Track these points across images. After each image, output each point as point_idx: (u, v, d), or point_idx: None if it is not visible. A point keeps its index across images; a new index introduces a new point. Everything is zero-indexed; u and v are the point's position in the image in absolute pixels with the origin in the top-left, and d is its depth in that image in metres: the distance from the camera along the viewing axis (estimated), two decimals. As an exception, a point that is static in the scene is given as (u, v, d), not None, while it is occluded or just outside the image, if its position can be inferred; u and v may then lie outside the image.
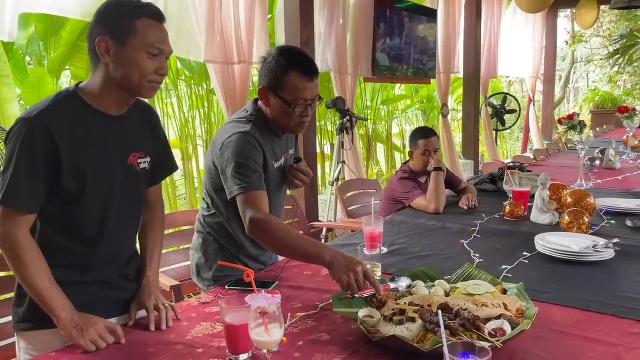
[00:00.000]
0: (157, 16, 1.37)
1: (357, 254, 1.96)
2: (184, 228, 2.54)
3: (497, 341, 1.21)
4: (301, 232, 2.99)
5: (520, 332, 1.24)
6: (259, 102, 1.82)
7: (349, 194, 3.46)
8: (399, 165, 7.35)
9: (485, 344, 1.20)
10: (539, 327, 1.34)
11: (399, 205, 2.87)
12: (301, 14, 3.59)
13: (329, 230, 3.81)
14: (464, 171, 5.99)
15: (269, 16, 4.00)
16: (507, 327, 1.27)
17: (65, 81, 4.54)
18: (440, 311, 1.17)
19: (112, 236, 1.46)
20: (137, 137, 1.50)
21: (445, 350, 1.00)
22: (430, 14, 5.48)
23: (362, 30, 4.46)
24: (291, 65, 1.68)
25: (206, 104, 4.72)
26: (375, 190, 3.57)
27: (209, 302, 1.63)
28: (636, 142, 5.29)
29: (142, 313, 1.49)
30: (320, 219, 3.99)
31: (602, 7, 7.43)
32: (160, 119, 1.66)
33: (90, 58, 1.38)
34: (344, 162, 4.13)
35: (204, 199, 1.93)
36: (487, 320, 1.31)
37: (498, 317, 1.32)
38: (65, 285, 1.36)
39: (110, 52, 1.33)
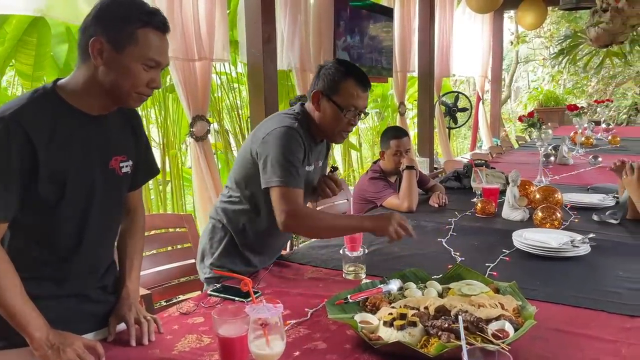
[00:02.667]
0: (163, 27, 1.28)
1: (337, 255, 1.94)
2: (149, 232, 2.42)
3: (503, 343, 1.19)
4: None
5: (524, 332, 1.23)
6: (306, 105, 1.87)
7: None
8: (355, 164, 7.37)
9: (492, 347, 1.17)
10: (535, 327, 1.32)
11: (369, 204, 2.84)
12: (262, 11, 3.49)
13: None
14: (421, 169, 6.05)
15: (227, 11, 3.88)
16: (510, 328, 1.26)
17: (5, 79, 4.26)
18: (460, 317, 1.13)
19: (91, 245, 1.35)
20: (119, 139, 1.40)
21: (465, 357, 0.96)
22: (388, 13, 5.49)
23: (323, 29, 4.41)
24: (349, 73, 1.79)
25: (159, 103, 4.55)
26: (342, 189, 3.53)
27: (191, 312, 1.53)
28: (583, 139, 5.50)
29: (122, 326, 1.38)
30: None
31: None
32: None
33: (79, 52, 1.27)
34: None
35: (227, 186, 1.94)
36: (487, 321, 1.29)
37: (497, 318, 1.31)
38: (39, 299, 1.24)
39: (103, 55, 1.23)
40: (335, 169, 1.91)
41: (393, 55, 5.65)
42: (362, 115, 1.85)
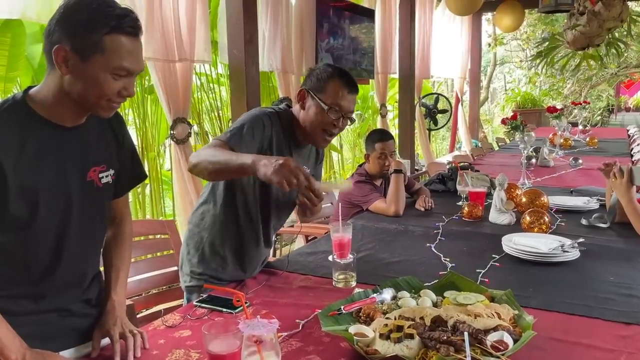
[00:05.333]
0: (133, 31, 1.16)
1: (327, 263, 1.90)
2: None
3: (503, 355, 1.16)
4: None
5: (524, 344, 1.20)
6: (292, 108, 1.85)
7: (300, 198, 3.34)
8: (336, 166, 7.34)
9: (494, 360, 1.14)
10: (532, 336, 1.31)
11: (355, 208, 2.80)
12: (244, 11, 3.44)
13: (277, 235, 3.68)
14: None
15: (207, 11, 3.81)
16: (508, 339, 1.23)
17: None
18: (466, 333, 1.09)
19: (71, 261, 1.28)
20: (98, 148, 1.32)
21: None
22: (370, 15, 5.47)
23: (305, 30, 4.36)
24: (337, 74, 1.76)
25: (137, 105, 4.45)
26: (326, 193, 3.48)
27: (177, 325, 1.47)
28: (562, 141, 5.55)
29: (106, 341, 1.32)
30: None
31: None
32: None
33: (46, 59, 1.18)
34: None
35: (204, 189, 1.90)
36: (485, 331, 1.26)
37: (495, 328, 1.28)
38: (16, 315, 1.17)
39: (69, 64, 1.13)
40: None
41: (374, 57, 5.63)
42: (349, 121, 1.79)
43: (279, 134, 1.76)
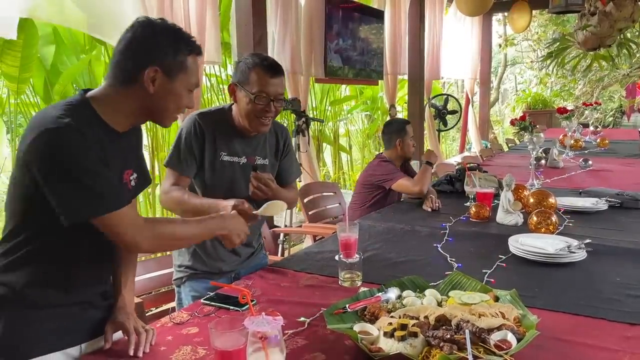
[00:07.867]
0: (201, 51, 1.35)
1: (333, 262, 1.91)
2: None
3: (506, 354, 1.17)
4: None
5: (527, 343, 1.21)
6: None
7: (309, 197, 3.37)
8: (345, 166, 7.35)
9: (497, 358, 1.16)
10: (537, 336, 1.31)
11: (377, 190, 2.99)
12: (253, 12, 3.47)
13: (286, 235, 3.70)
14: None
15: (218, 13, 3.84)
16: (512, 339, 1.23)
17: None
18: (467, 330, 1.10)
19: (104, 257, 1.38)
20: (129, 153, 1.40)
21: (472, 371, 0.94)
22: (379, 16, 5.49)
23: (314, 30, 4.39)
24: (258, 62, 1.84)
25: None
26: (334, 193, 3.50)
27: (185, 322, 1.49)
28: (572, 142, 5.52)
29: (116, 335, 1.36)
30: (275, 223, 3.88)
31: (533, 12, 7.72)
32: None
33: (117, 73, 1.27)
34: (300, 164, 4.04)
35: None
36: (489, 330, 1.27)
37: (499, 327, 1.28)
38: (45, 308, 1.25)
39: (156, 83, 1.25)
40: (255, 168, 1.85)
41: (384, 58, 5.64)
42: (280, 102, 1.85)
43: (214, 131, 1.86)
